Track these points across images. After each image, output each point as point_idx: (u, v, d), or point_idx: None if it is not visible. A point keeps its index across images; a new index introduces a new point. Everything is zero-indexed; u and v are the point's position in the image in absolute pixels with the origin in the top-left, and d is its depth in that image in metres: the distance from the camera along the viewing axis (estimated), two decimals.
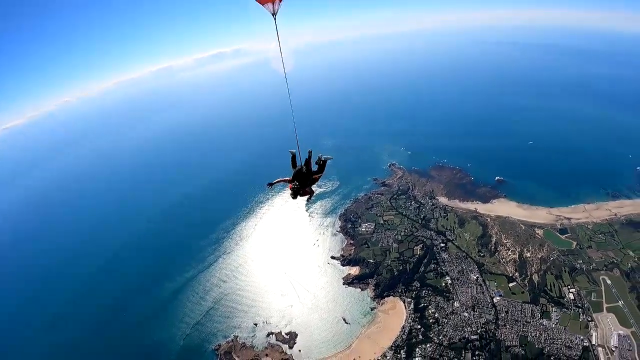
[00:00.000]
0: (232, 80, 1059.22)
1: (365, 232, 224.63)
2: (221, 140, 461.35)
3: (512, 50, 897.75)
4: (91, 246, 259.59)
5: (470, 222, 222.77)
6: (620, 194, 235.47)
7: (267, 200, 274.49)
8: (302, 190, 30.37)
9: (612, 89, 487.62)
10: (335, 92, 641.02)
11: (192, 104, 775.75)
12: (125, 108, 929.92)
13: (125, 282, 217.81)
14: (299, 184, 29.60)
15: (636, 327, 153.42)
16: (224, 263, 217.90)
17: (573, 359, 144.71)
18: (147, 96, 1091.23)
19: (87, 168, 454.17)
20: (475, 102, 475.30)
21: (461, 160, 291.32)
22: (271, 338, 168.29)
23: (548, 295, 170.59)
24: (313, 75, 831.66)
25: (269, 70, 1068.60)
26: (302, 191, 30.44)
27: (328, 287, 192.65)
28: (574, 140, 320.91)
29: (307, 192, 31.14)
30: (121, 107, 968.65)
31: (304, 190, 30.58)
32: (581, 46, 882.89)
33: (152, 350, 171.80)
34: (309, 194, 31.46)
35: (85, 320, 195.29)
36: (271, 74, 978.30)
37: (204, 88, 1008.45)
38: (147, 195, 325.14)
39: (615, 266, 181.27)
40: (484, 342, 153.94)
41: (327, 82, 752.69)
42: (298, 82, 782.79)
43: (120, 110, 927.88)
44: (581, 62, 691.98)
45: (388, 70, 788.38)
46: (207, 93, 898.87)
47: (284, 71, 31.73)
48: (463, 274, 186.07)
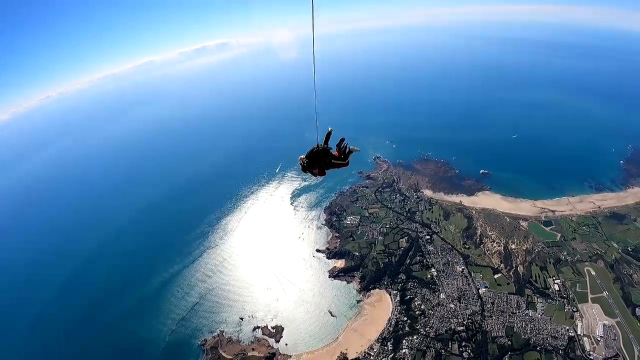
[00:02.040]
0: (215, 75, 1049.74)
1: (351, 225, 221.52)
2: (205, 134, 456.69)
3: (497, 45, 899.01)
4: (72, 243, 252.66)
5: (455, 214, 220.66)
6: (604, 187, 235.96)
7: (252, 194, 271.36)
8: (313, 169, 29.04)
9: (596, 84, 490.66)
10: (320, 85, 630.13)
11: (175, 98, 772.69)
12: (108, 103, 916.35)
13: (109, 279, 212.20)
14: (308, 162, 28.16)
15: (621, 317, 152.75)
16: (208, 257, 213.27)
17: (559, 348, 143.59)
18: (129, 91, 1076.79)
19: (69, 164, 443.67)
20: (459, 95, 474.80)
21: (446, 153, 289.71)
22: (257, 332, 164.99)
23: (533, 286, 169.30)
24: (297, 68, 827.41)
25: (253, 65, 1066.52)
26: (314, 170, 29.13)
27: (314, 280, 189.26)
28: (558, 134, 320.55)
29: (317, 173, 29.75)
30: (103, 102, 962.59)
31: (315, 170, 29.22)
32: (567, 41, 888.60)
33: (138, 346, 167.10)
34: (319, 175, 30.23)
35: (68, 318, 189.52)
36: (255, 69, 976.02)
37: (188, 82, 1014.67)
38: (130, 189, 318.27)
39: (599, 257, 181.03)
40: (471, 333, 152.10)
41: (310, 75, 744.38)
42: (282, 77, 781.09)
43: (103, 105, 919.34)
44: (566, 56, 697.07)
45: (372, 63, 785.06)
46: (191, 87, 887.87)
47: (313, 57, 28.91)
48: (449, 265, 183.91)
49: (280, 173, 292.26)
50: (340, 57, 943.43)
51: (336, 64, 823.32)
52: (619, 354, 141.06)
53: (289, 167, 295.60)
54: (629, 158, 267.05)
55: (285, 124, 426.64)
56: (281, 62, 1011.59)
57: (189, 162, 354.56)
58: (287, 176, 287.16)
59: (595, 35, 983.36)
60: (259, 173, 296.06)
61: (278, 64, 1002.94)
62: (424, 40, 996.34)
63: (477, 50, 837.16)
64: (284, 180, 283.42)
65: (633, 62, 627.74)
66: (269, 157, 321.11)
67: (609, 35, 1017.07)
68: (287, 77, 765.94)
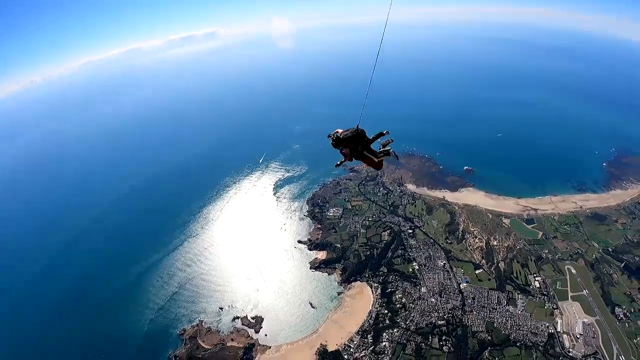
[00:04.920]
0: (202, 64, 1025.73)
1: (333, 217, 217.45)
2: (189, 123, 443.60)
3: (484, 45, 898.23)
4: (50, 230, 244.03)
5: (438, 209, 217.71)
6: (586, 188, 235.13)
7: (235, 183, 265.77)
8: (343, 148, 26.59)
9: (583, 87, 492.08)
10: (307, 77, 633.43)
11: (161, 86, 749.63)
12: (93, 88, 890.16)
13: (87, 267, 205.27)
14: (341, 139, 26.09)
15: (600, 316, 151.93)
16: (189, 246, 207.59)
17: (539, 345, 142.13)
18: (115, 77, 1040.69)
19: (51, 149, 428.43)
20: (445, 93, 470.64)
21: (431, 149, 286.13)
22: (237, 322, 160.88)
23: (514, 282, 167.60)
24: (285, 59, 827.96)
25: (241, 55, 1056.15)
26: (343, 150, 26.68)
27: (295, 271, 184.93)
28: (543, 134, 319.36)
29: (347, 154, 26.98)
30: (89, 88, 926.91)
31: (345, 150, 26.70)
32: (554, 44, 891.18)
33: (116, 336, 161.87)
34: (347, 159, 27.62)
35: (46, 306, 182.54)
36: (242, 59, 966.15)
37: (174, 70, 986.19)
38: (112, 176, 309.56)
39: (580, 256, 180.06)
40: (451, 328, 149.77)
41: (299, 67, 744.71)
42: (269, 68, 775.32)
43: (88, 90, 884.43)
44: (554, 59, 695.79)
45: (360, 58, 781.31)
46: (177, 75, 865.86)
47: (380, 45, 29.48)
48: (430, 260, 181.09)
49: (264, 163, 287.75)
50: (324, 50, 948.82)
51: (321, 56, 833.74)
52: (598, 351, 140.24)
53: (273, 158, 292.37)
54: (612, 161, 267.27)
55: (270, 115, 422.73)
56: (269, 53, 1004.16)
57: (172, 150, 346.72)
58: (271, 166, 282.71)
59: (584, 40, 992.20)
60: (243, 163, 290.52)
61: (266, 55, 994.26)
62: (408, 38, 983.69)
63: (462, 50, 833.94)
64: (268, 170, 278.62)
65: (620, 68, 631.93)
66: (253, 147, 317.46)
67: (598, 40, 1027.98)
68: (274, 68, 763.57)
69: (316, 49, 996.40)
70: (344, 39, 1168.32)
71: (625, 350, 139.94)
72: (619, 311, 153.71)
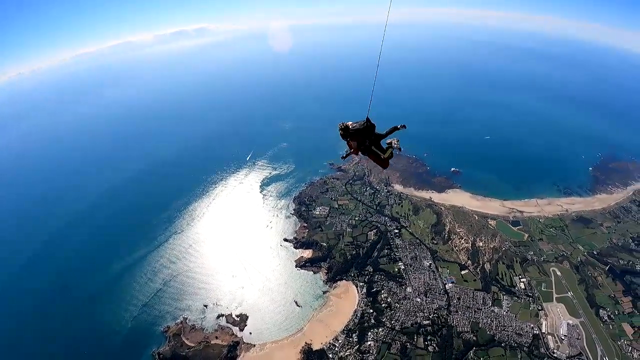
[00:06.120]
0: (192, 60, 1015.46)
1: (320, 216, 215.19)
2: (177, 118, 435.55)
3: (474, 47, 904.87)
4: (33, 225, 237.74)
5: (424, 210, 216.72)
6: (572, 192, 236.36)
7: (221, 180, 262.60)
8: (350, 140, 24.79)
9: (573, 93, 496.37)
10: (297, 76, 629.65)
11: (149, 81, 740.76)
12: (82, 82, 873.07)
13: (70, 263, 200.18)
14: (344, 132, 24.23)
15: (585, 318, 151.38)
16: (174, 243, 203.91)
17: (524, 345, 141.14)
18: (104, 71, 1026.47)
19: (35, 144, 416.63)
20: (434, 94, 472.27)
21: (418, 150, 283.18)
22: (221, 320, 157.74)
23: (499, 283, 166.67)
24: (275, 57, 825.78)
25: (231, 52, 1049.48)
26: (350, 142, 24.89)
27: (280, 269, 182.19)
28: (531, 138, 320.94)
29: (353, 147, 25.15)
30: (77, 81, 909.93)
31: (352, 143, 24.91)
32: (544, 50, 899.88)
33: (99, 332, 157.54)
34: (352, 151, 25.72)
35: (28, 303, 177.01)
36: (233, 56, 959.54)
37: (164, 65, 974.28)
38: (97, 172, 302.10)
39: (565, 259, 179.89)
40: (436, 328, 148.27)
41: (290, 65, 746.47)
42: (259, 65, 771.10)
43: (76, 83, 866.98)
44: (544, 64, 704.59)
45: (350, 57, 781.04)
46: (167, 71, 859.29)
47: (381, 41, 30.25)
48: (416, 260, 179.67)
49: (251, 161, 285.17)
50: (316, 50, 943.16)
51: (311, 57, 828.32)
52: (582, 352, 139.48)
53: (261, 155, 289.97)
54: (598, 166, 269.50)
55: (258, 113, 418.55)
56: (260, 50, 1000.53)
57: (159, 146, 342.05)
58: (258, 164, 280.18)
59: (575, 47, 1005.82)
60: (230, 160, 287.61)
61: (256, 52, 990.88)
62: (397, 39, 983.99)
63: (451, 51, 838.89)
64: (255, 168, 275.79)
65: (609, 75, 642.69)
66: (241, 145, 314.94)
67: (588, 47, 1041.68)
68: (264, 66, 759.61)
69: (308, 48, 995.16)
70: (336, 38, 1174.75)
71: (610, 352, 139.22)
72: (603, 313, 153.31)
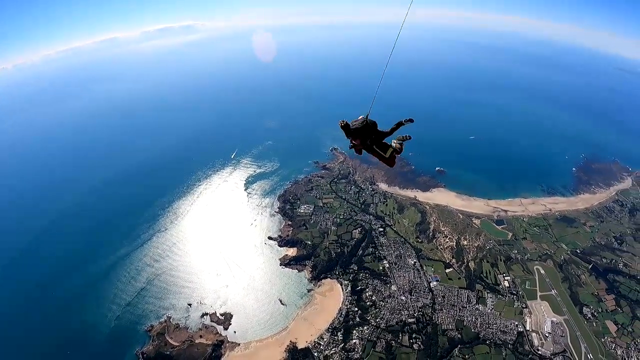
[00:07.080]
0: (178, 57, 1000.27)
1: (304, 214, 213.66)
2: (162, 116, 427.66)
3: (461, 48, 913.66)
4: (14, 225, 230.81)
5: (409, 208, 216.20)
6: (556, 191, 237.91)
7: (206, 178, 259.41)
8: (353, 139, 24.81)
9: (558, 94, 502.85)
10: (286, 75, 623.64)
11: (134, 77, 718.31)
12: (66, 78, 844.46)
13: (52, 262, 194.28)
14: (346, 131, 24.22)
15: (568, 315, 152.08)
16: (157, 241, 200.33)
17: (508, 343, 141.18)
18: (89, 67, 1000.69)
19: (17, 141, 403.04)
20: (420, 93, 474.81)
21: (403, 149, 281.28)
22: (205, 319, 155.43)
23: (484, 282, 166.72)
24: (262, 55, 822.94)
25: (218, 49, 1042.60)
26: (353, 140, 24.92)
27: (265, 267, 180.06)
28: (515, 138, 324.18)
29: (356, 145, 25.22)
30: (61, 77, 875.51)
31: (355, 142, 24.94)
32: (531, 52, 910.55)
33: (81, 332, 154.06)
34: (356, 151, 25.79)
35: (9, 302, 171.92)
36: (219, 53, 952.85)
37: (150, 62, 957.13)
38: (80, 169, 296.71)
39: (549, 257, 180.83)
40: (421, 326, 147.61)
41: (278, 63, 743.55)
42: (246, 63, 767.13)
43: (61, 80, 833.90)
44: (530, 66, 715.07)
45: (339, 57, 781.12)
46: (153, 67, 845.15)
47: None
48: (401, 258, 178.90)
49: (235, 159, 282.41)
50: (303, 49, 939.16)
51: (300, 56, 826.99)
52: (566, 350, 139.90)
53: (245, 153, 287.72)
54: (581, 166, 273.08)
55: (244, 111, 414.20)
56: (246, 48, 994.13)
57: (143, 143, 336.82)
58: (243, 162, 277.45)
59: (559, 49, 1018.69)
60: (215, 157, 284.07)
61: (243, 50, 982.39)
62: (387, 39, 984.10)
63: (441, 52, 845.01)
64: (239, 166, 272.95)
65: (593, 78, 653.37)
66: (226, 142, 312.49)
67: (572, 50, 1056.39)
68: (251, 63, 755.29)
69: (296, 47, 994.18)
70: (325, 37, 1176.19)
71: (594, 349, 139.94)
72: (587, 311, 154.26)
